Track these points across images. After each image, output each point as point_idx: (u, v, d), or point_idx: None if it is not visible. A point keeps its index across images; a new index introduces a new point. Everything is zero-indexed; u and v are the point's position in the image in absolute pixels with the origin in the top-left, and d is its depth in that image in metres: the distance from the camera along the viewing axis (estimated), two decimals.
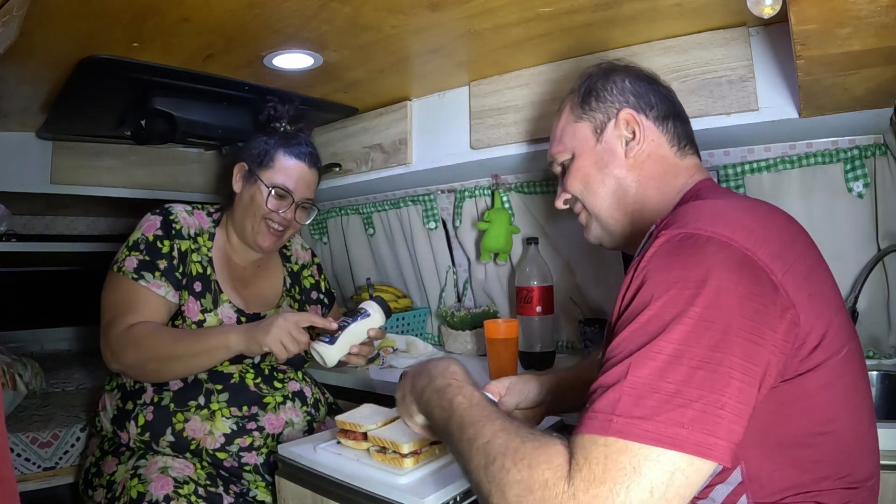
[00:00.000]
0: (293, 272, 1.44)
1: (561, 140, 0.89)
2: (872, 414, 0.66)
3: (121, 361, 1.09)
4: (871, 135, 1.19)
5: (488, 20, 1.11)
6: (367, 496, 0.82)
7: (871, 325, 1.26)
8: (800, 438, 0.58)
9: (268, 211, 1.23)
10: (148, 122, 1.49)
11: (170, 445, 1.12)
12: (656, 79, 0.87)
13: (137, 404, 1.15)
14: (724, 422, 0.48)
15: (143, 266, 1.14)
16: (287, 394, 1.25)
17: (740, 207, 0.65)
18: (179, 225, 1.22)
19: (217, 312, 1.21)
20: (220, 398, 1.16)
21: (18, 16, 0.76)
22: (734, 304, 0.52)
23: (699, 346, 0.51)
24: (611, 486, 0.47)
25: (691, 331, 0.51)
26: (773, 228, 0.61)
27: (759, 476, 0.58)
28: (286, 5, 1.03)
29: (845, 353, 0.61)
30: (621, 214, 0.83)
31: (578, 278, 1.64)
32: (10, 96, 1.41)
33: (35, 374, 1.89)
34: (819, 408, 0.58)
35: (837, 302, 0.65)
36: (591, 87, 0.86)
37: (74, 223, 2.37)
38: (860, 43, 0.76)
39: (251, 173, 1.25)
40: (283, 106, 1.33)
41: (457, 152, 1.52)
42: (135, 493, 1.02)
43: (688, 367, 0.50)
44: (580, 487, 0.48)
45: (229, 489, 1.10)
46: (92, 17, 1.02)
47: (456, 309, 1.79)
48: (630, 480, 0.47)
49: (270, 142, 1.26)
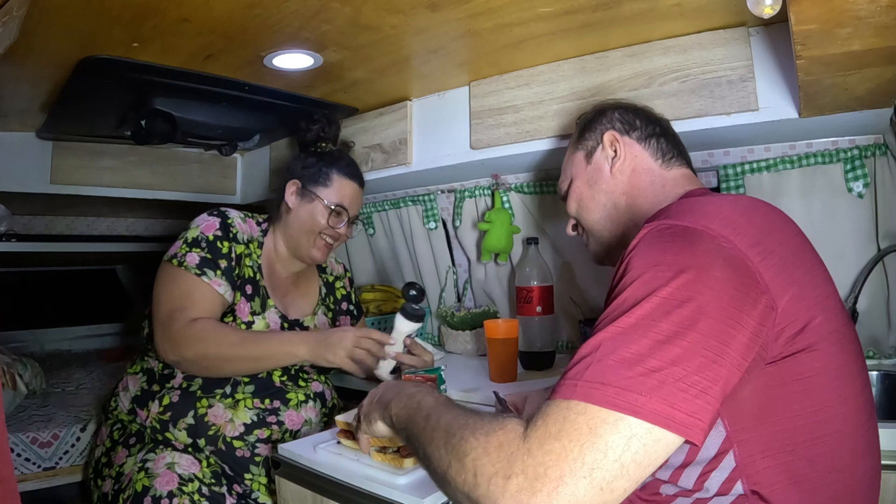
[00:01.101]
0: (328, 283, 1.50)
1: (564, 171, 0.99)
2: (872, 410, 0.66)
3: (181, 354, 1.09)
4: (871, 135, 1.19)
5: (488, 20, 1.11)
6: (367, 496, 0.82)
7: (871, 325, 1.25)
8: (792, 424, 0.58)
9: (325, 226, 1.31)
10: (148, 122, 1.49)
11: (187, 429, 1.14)
12: (647, 109, 0.95)
13: (165, 387, 1.18)
14: (687, 395, 0.49)
15: (205, 263, 1.17)
16: (310, 393, 1.28)
17: (722, 201, 0.67)
18: (236, 229, 1.26)
19: (265, 316, 1.25)
20: (246, 389, 1.19)
21: (18, 16, 0.76)
22: (708, 286, 0.54)
23: (668, 321, 0.52)
24: (565, 443, 0.48)
25: (661, 306, 0.53)
26: (754, 217, 0.63)
27: (752, 462, 0.58)
28: (286, 5, 1.03)
29: (835, 341, 0.61)
30: (613, 226, 0.89)
31: (578, 278, 1.64)
32: (10, 96, 1.41)
33: (35, 374, 1.89)
34: (810, 392, 0.59)
35: (827, 290, 0.65)
36: (586, 123, 0.96)
37: (74, 223, 2.37)
38: (860, 43, 0.76)
39: (307, 191, 1.32)
40: (329, 128, 1.46)
41: (457, 152, 1.52)
42: (139, 487, 1.03)
43: (654, 340, 0.51)
44: (535, 444, 0.49)
45: (232, 490, 1.11)
46: (92, 17, 1.02)
47: (456, 309, 1.79)
48: (585, 440, 0.48)
49: (323, 161, 1.36)
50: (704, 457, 0.60)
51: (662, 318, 0.52)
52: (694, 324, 0.52)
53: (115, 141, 1.82)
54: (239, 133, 1.82)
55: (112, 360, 2.45)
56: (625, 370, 0.50)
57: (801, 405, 0.59)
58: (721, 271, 0.55)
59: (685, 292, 0.53)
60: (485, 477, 0.50)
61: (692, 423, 0.48)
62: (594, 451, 0.47)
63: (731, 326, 0.53)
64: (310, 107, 1.60)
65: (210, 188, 2.15)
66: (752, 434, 0.58)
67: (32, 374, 1.87)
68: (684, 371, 0.50)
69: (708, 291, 0.53)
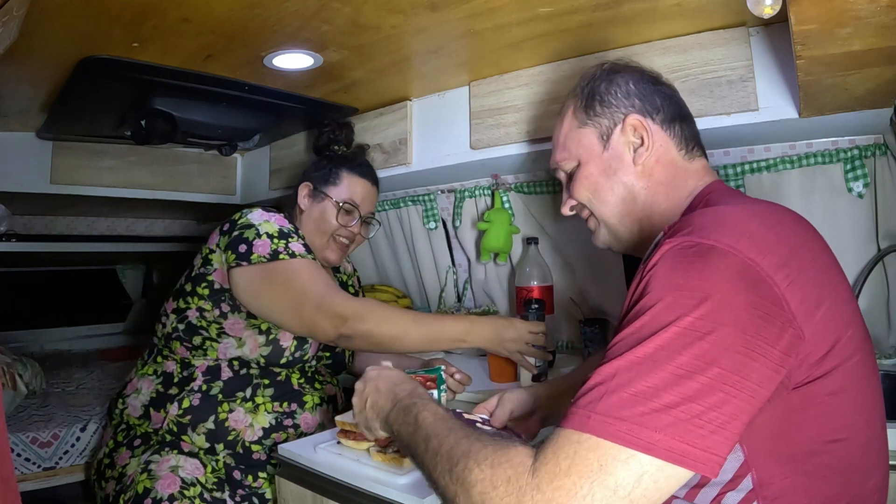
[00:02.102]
0: (342, 282, 1.49)
1: (565, 147, 0.86)
2: (884, 419, 0.65)
3: (354, 328, 1.06)
4: (871, 135, 1.19)
5: (488, 20, 1.11)
6: (367, 496, 0.82)
7: (871, 325, 1.25)
8: (812, 446, 0.57)
9: (337, 226, 1.30)
10: (148, 122, 1.49)
11: (206, 433, 1.13)
12: (659, 78, 0.85)
13: (185, 389, 1.16)
14: (703, 431, 0.48)
15: (307, 249, 1.19)
16: (325, 396, 1.27)
17: (746, 212, 0.64)
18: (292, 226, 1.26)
19: None
20: (266, 392, 1.18)
21: (18, 16, 0.76)
22: (731, 316, 0.52)
23: (686, 354, 0.50)
24: (575, 479, 0.47)
25: (681, 338, 0.51)
26: (782, 233, 0.60)
27: (770, 484, 0.57)
28: (286, 5, 1.03)
29: (857, 358, 0.60)
30: (630, 220, 0.82)
31: (578, 278, 1.64)
32: (10, 96, 1.41)
33: (35, 374, 1.89)
34: (830, 415, 0.58)
35: (852, 308, 0.64)
36: (594, 91, 0.83)
37: (74, 223, 2.37)
38: (860, 43, 0.76)
39: (318, 191, 1.33)
40: (340, 131, 1.48)
41: (457, 152, 1.52)
42: (140, 489, 1.03)
43: (671, 374, 0.49)
44: (544, 479, 0.48)
45: (235, 494, 1.12)
46: (92, 17, 1.02)
47: (456, 309, 1.79)
48: (595, 477, 0.47)
49: (334, 161, 1.37)
50: (722, 479, 0.59)
51: (682, 351, 0.50)
52: (715, 359, 0.50)
53: (115, 141, 1.82)
54: (239, 133, 1.82)
55: (112, 360, 2.45)
56: (640, 405, 0.48)
57: (820, 427, 0.58)
58: (745, 298, 0.53)
59: (708, 324, 0.51)
60: None
61: (707, 458, 0.47)
62: (604, 489, 0.46)
63: (754, 359, 0.51)
64: (310, 107, 1.60)
65: (210, 188, 2.15)
66: (769, 459, 0.57)
67: (32, 374, 1.87)
68: (702, 407, 0.48)
69: (732, 323, 0.51)
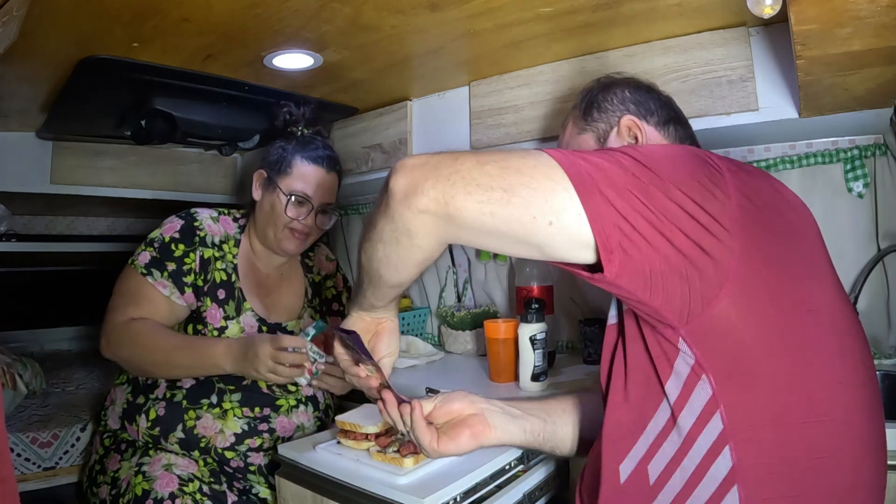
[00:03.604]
0: (315, 283, 1.40)
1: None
2: (877, 409, 0.62)
3: (114, 352, 1.11)
4: (871, 135, 1.19)
5: (488, 20, 1.11)
6: (367, 496, 0.82)
7: (871, 325, 1.25)
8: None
9: (288, 219, 1.21)
10: (148, 122, 1.49)
11: (178, 442, 1.12)
12: (655, 87, 0.88)
13: (150, 398, 1.15)
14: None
15: (153, 263, 1.15)
16: (301, 398, 1.24)
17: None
18: (204, 232, 1.21)
19: (239, 320, 1.20)
20: (233, 398, 1.15)
21: (18, 16, 0.76)
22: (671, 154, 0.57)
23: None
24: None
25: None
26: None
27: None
28: (286, 5, 1.03)
29: (809, 309, 0.58)
30: None
31: (578, 279, 1.64)
32: (10, 96, 1.41)
33: (35, 374, 1.89)
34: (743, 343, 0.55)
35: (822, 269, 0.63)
36: (592, 100, 0.87)
37: (74, 223, 2.37)
38: (860, 43, 0.76)
39: (270, 181, 1.23)
40: (298, 110, 1.29)
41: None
42: (139, 491, 1.02)
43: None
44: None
45: (233, 486, 1.11)
46: (92, 17, 1.02)
47: (456, 309, 1.79)
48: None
49: (288, 147, 1.24)
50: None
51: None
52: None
53: (115, 141, 1.82)
54: (239, 133, 1.82)
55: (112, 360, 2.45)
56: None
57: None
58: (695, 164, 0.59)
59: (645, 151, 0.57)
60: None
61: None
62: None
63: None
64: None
65: (210, 188, 2.15)
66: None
67: (32, 374, 1.87)
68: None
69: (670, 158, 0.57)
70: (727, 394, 0.56)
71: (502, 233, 0.55)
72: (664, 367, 0.58)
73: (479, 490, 0.85)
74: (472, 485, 0.83)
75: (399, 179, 0.57)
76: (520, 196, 0.53)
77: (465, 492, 0.81)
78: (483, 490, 0.85)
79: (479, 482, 0.84)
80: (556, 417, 0.82)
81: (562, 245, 0.55)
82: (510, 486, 0.89)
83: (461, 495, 0.81)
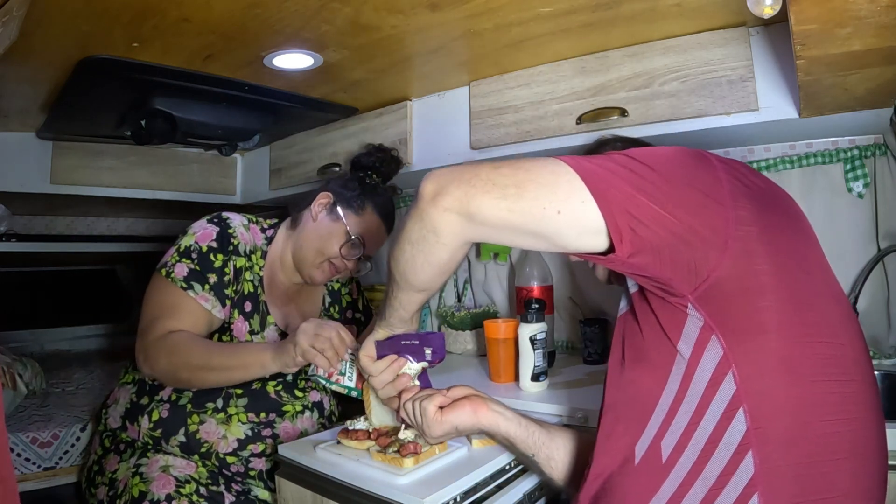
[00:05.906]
0: (333, 291, 1.41)
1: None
2: (873, 407, 0.62)
3: (153, 367, 1.04)
4: (871, 135, 1.20)
5: (488, 20, 1.11)
6: (367, 496, 0.82)
7: (871, 325, 1.25)
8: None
9: (336, 254, 1.21)
10: (148, 122, 1.49)
11: (179, 446, 1.11)
12: (644, 143, 0.99)
13: (154, 400, 1.13)
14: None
15: (193, 276, 1.09)
16: (307, 403, 1.23)
17: None
18: (237, 241, 1.17)
19: (264, 335, 1.18)
20: (239, 402, 1.14)
21: (18, 16, 0.76)
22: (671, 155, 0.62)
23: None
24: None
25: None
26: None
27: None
28: (286, 5, 1.03)
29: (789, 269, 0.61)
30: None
31: (578, 278, 1.64)
32: (10, 96, 1.41)
33: (35, 374, 1.89)
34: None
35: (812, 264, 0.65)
36: (590, 150, 0.99)
37: (74, 223, 2.37)
38: (860, 43, 0.76)
39: (335, 209, 1.23)
40: (387, 163, 1.35)
41: (457, 152, 1.51)
42: (136, 492, 1.02)
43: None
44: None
45: (231, 488, 1.11)
46: (92, 17, 1.02)
47: (456, 309, 1.79)
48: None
49: (366, 189, 1.27)
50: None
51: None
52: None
53: (115, 141, 1.82)
54: (239, 133, 1.82)
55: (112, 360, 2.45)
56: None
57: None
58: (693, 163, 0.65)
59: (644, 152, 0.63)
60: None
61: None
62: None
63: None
64: (310, 107, 1.60)
65: (210, 188, 2.15)
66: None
67: (32, 374, 1.87)
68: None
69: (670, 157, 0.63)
70: (737, 349, 0.58)
71: (517, 226, 0.61)
72: (675, 333, 0.61)
73: (479, 490, 0.85)
74: (472, 485, 0.83)
75: (428, 185, 0.65)
76: (529, 190, 0.60)
77: (465, 492, 0.81)
78: (483, 490, 0.85)
79: (479, 482, 0.85)
80: (555, 433, 0.84)
81: (572, 233, 0.60)
82: (510, 486, 0.89)
83: (461, 495, 0.81)
